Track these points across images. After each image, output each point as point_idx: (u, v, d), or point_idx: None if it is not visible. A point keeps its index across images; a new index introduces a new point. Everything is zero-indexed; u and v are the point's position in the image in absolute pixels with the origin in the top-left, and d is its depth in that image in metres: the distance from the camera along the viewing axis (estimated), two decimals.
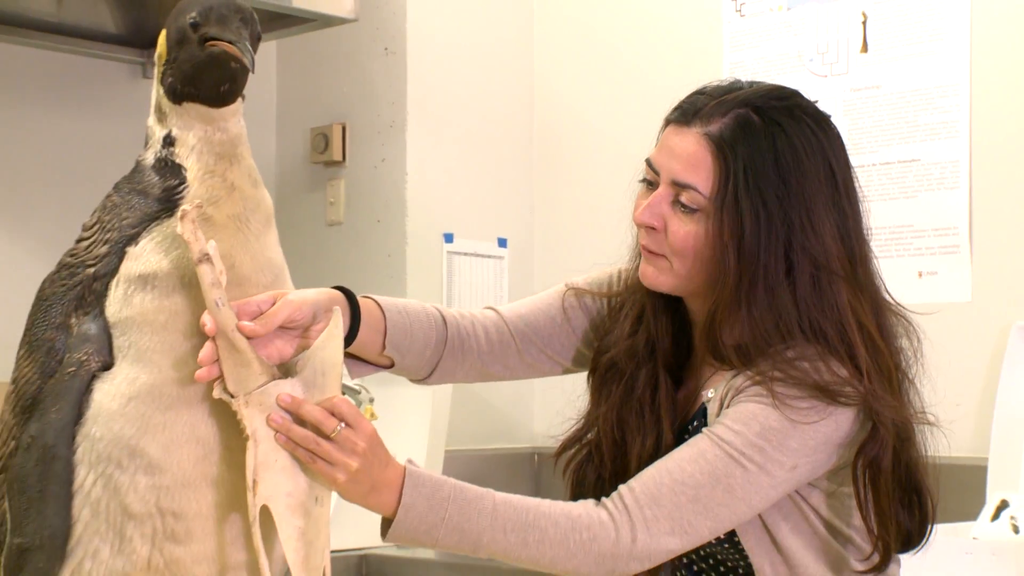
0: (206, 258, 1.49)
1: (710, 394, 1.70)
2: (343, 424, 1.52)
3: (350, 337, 1.66)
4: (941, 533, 2.51)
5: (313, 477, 1.54)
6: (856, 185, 1.72)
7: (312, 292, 1.60)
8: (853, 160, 1.75)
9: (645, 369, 1.75)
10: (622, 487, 1.62)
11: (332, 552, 2.95)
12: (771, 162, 1.63)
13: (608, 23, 3.55)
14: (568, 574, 1.61)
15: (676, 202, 1.67)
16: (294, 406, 1.52)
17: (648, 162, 1.71)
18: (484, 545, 1.58)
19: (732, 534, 1.67)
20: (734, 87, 1.70)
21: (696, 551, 1.72)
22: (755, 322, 1.64)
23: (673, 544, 1.60)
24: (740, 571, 1.74)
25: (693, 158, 1.65)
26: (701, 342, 1.73)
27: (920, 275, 2.98)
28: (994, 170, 2.92)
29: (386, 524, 1.59)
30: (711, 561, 1.76)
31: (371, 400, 2.98)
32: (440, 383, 1.84)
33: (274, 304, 1.55)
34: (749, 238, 1.62)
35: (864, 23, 3.08)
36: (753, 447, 1.60)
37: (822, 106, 1.74)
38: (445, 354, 1.79)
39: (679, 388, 1.78)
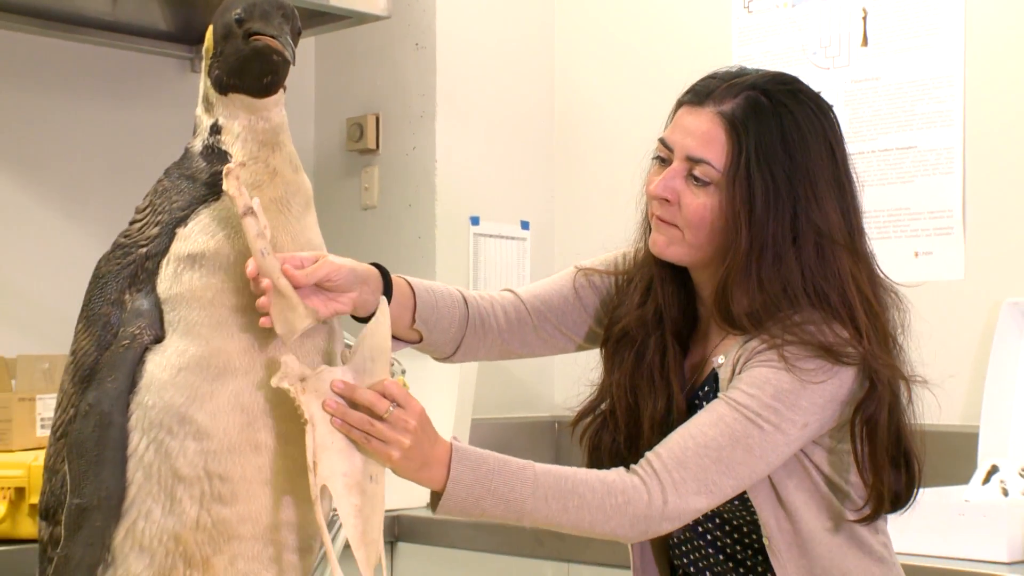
0: (250, 211, 1.50)
1: (720, 360, 1.71)
2: (394, 405, 1.52)
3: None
4: (935, 496, 2.51)
5: (368, 456, 1.54)
6: (853, 168, 1.74)
7: (350, 260, 1.61)
8: (854, 147, 1.76)
9: (654, 337, 1.76)
10: (649, 454, 1.63)
11: None
12: (779, 139, 1.65)
13: (624, 20, 3.53)
14: (605, 536, 1.62)
15: (689, 176, 1.68)
16: (347, 391, 1.52)
17: (662, 140, 1.72)
18: (528, 512, 1.59)
19: (742, 492, 1.67)
20: (742, 72, 1.72)
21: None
22: (764, 287, 1.65)
23: (700, 503, 1.62)
24: (744, 528, 1.74)
25: (707, 135, 1.66)
26: (711, 310, 1.73)
27: (916, 255, 2.96)
28: (986, 156, 2.90)
29: (435, 498, 1.59)
30: (717, 520, 1.76)
31: (403, 372, 2.97)
32: (464, 360, 1.85)
33: (316, 262, 1.56)
34: (759, 209, 1.64)
35: (864, 18, 3.06)
36: (768, 408, 1.62)
37: (825, 96, 1.76)
38: (468, 332, 1.79)
39: (686, 355, 1.78)
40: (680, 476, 1.59)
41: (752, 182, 1.63)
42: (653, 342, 1.75)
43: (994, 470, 2.63)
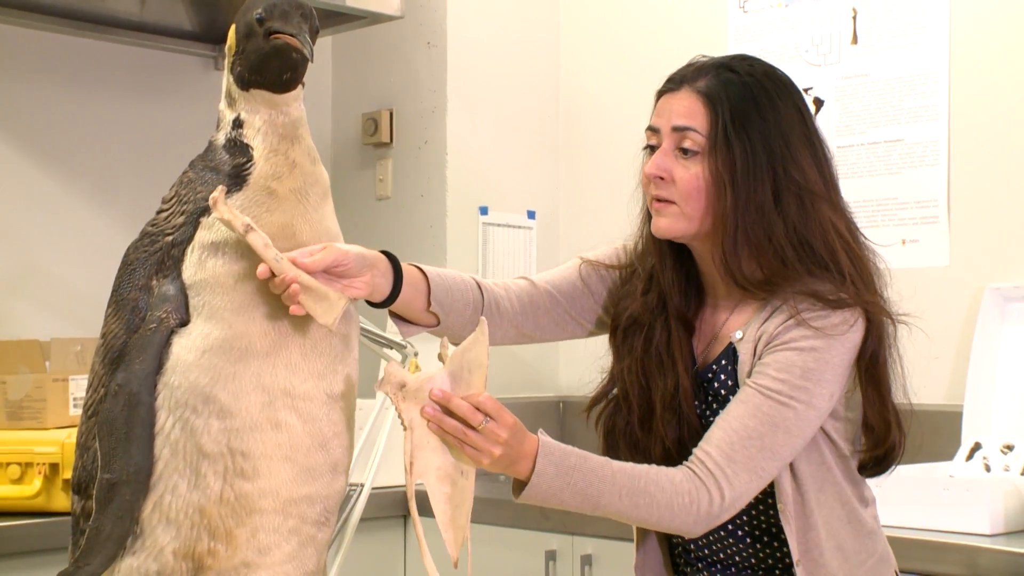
0: (249, 228, 1.50)
1: (738, 335, 1.71)
2: (488, 419, 1.53)
3: (393, 295, 1.66)
4: (921, 471, 2.51)
5: (459, 458, 1.56)
6: (821, 131, 1.76)
7: (358, 246, 1.61)
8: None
9: (660, 320, 1.77)
10: (699, 453, 1.64)
11: (382, 488, 2.98)
12: (751, 105, 1.68)
13: (625, 19, 3.52)
14: (671, 530, 1.66)
15: (678, 150, 1.70)
16: (445, 400, 1.53)
17: (650, 128, 1.74)
18: (602, 506, 1.61)
19: None
20: (710, 59, 1.76)
21: None
22: (750, 241, 1.67)
23: (752, 489, 1.65)
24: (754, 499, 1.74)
25: (689, 109, 1.70)
26: (721, 280, 1.74)
27: (903, 243, 2.95)
28: (970, 149, 2.89)
29: (518, 487, 1.61)
30: None
31: (415, 354, 2.97)
32: None
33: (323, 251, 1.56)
34: (740, 170, 1.66)
35: (854, 18, 3.05)
36: (798, 389, 1.64)
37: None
38: (484, 315, 1.78)
39: (694, 334, 1.78)
40: (732, 470, 1.62)
41: (731, 145, 1.66)
42: (660, 326, 1.76)
43: (977, 447, 2.62)
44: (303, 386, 1.55)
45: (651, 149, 1.73)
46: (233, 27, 1.60)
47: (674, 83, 1.74)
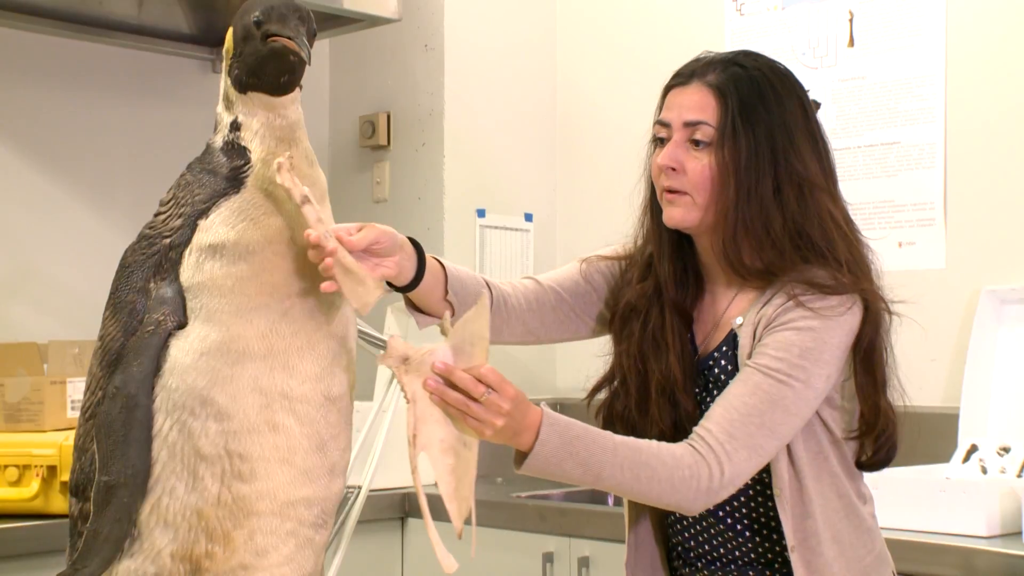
0: (306, 200, 1.51)
1: (739, 321, 1.74)
2: (489, 390, 1.54)
3: (416, 279, 1.68)
4: (918, 473, 2.51)
5: (463, 430, 1.56)
6: (822, 127, 1.79)
7: (390, 227, 1.64)
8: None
9: (656, 307, 1.80)
10: (699, 430, 1.65)
11: (379, 490, 2.98)
12: (758, 99, 1.72)
13: (622, 22, 3.52)
14: (671, 507, 1.66)
15: (690, 142, 1.73)
16: (446, 372, 1.54)
17: (659, 121, 1.77)
18: (604, 479, 1.62)
19: None
20: (717, 54, 1.79)
21: None
22: (753, 236, 1.70)
23: (751, 466, 1.66)
24: (751, 491, 1.75)
25: (700, 102, 1.73)
26: (720, 271, 1.77)
27: (900, 245, 2.96)
28: (966, 151, 2.89)
29: (520, 457, 1.61)
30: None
31: None
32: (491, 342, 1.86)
33: (360, 231, 1.59)
34: (744, 160, 1.70)
35: (851, 20, 3.05)
36: (796, 368, 1.66)
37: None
38: (492, 311, 1.81)
39: (694, 323, 1.81)
40: (732, 447, 1.63)
41: (738, 137, 1.70)
42: (656, 312, 1.79)
43: (973, 449, 2.62)
44: (300, 388, 1.55)
45: (659, 142, 1.77)
46: (231, 30, 1.60)
47: (683, 77, 1.77)
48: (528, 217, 3.59)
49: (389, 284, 1.66)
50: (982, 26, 2.88)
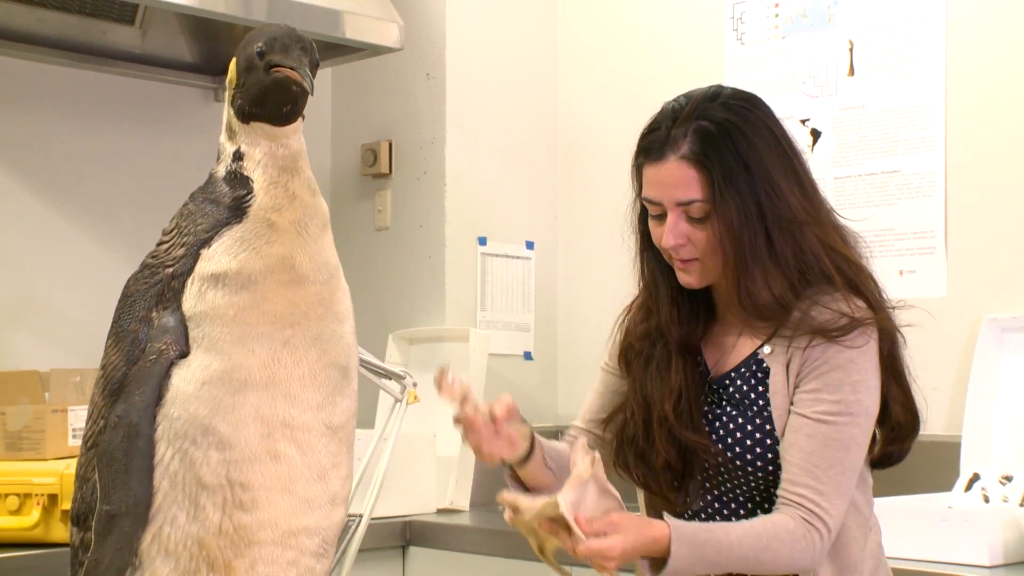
0: (582, 481, 1.63)
1: (766, 350, 1.76)
2: (603, 534, 1.62)
3: (530, 450, 1.77)
4: (920, 502, 2.50)
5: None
6: (791, 134, 1.80)
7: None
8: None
9: (659, 346, 1.82)
10: (792, 496, 1.70)
11: (380, 518, 2.96)
12: (733, 156, 1.71)
13: (624, 52, 3.53)
14: (794, 571, 1.71)
15: (689, 219, 1.74)
16: (554, 531, 1.63)
17: (647, 200, 1.78)
18: (731, 567, 1.68)
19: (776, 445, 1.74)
20: (676, 109, 1.77)
21: (721, 486, 1.79)
22: (759, 286, 1.73)
23: (844, 506, 1.72)
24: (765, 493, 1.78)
25: (683, 179, 1.72)
26: (734, 312, 1.79)
27: (901, 273, 2.96)
28: (966, 180, 2.89)
29: (658, 565, 1.66)
30: (727, 486, 1.81)
31: (414, 385, 2.97)
32: None
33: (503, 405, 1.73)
34: (737, 224, 1.71)
35: (851, 49, 3.06)
36: (854, 404, 1.71)
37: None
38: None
39: (706, 347, 1.83)
40: (827, 503, 1.69)
41: (727, 202, 1.70)
42: (658, 350, 1.82)
43: (976, 478, 2.62)
44: (302, 417, 1.55)
45: (655, 217, 1.78)
46: (234, 60, 1.61)
47: (655, 152, 1.75)
48: (529, 245, 3.60)
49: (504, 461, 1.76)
50: (982, 55, 2.89)
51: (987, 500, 2.56)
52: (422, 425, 3.11)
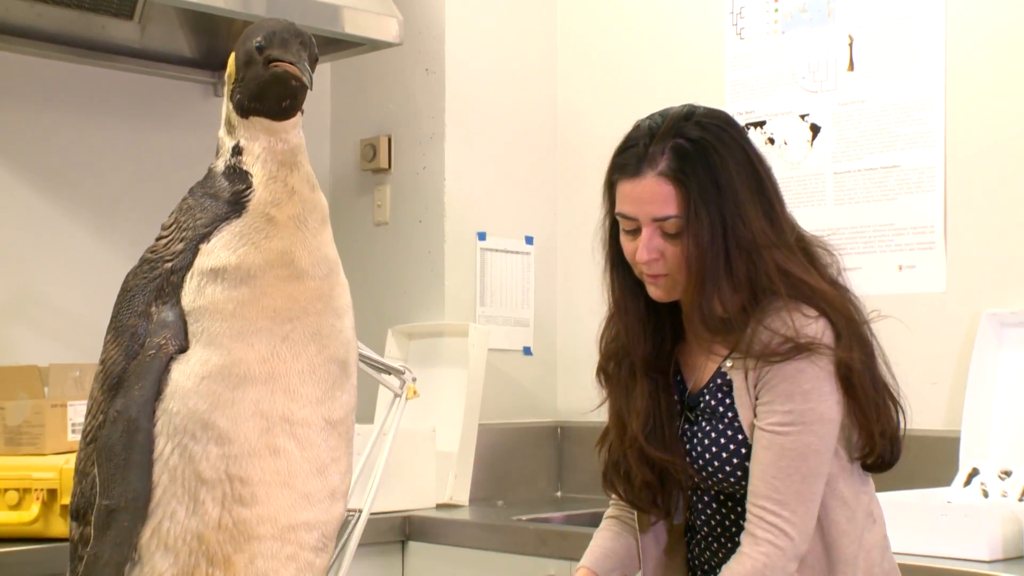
0: None
1: (728, 364, 1.77)
2: None
3: None
4: (919, 497, 2.50)
5: None
6: (759, 150, 1.81)
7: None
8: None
9: (624, 366, 1.85)
10: (755, 511, 1.72)
11: (380, 513, 2.97)
12: (708, 175, 1.74)
13: (623, 47, 3.53)
14: None
15: (663, 234, 1.76)
16: None
17: (623, 215, 1.79)
18: None
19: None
20: (652, 127, 1.80)
21: (708, 491, 1.81)
22: (720, 302, 1.74)
23: (812, 513, 1.72)
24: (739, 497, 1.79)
25: (660, 195, 1.75)
26: (696, 328, 1.80)
27: (900, 268, 2.96)
28: (966, 175, 2.90)
29: None
30: (719, 496, 1.82)
31: (414, 380, 2.98)
32: None
33: None
34: (707, 242, 1.72)
35: (851, 45, 3.06)
36: (806, 412, 1.71)
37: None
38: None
39: (682, 364, 1.86)
40: (788, 513, 1.70)
41: (700, 219, 1.72)
42: (624, 371, 1.85)
43: (975, 473, 2.62)
44: (301, 412, 1.55)
45: (629, 232, 1.78)
46: (233, 55, 1.61)
47: (633, 168, 1.78)
48: (529, 240, 3.60)
49: None
50: (981, 50, 2.89)
51: (986, 495, 2.57)
52: (421, 420, 3.11)
